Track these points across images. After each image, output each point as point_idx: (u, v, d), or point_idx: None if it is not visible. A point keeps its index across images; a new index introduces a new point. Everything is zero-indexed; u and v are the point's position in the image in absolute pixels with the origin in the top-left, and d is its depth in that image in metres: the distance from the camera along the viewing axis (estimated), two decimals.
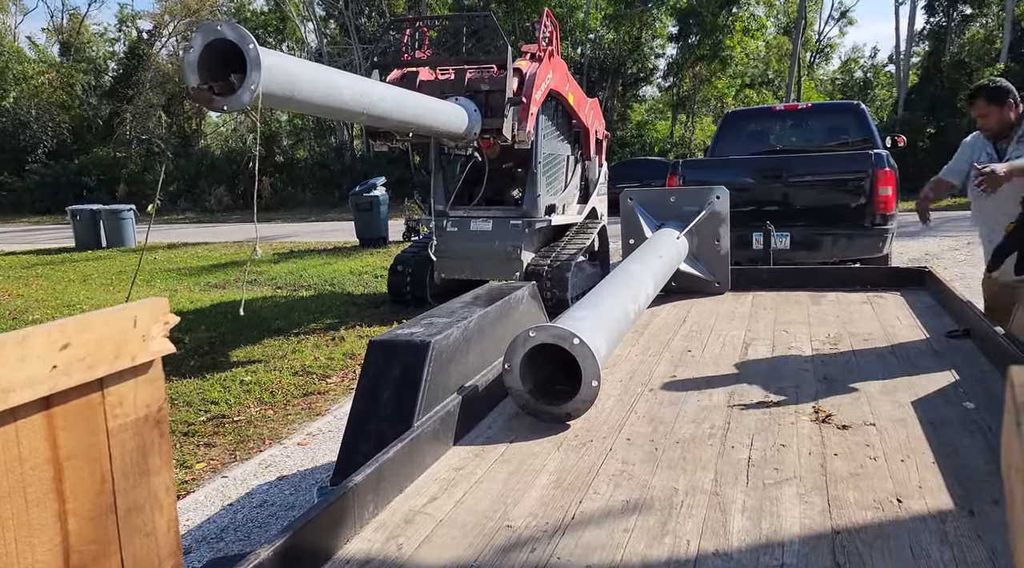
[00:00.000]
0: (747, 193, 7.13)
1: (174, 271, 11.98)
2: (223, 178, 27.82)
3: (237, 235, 17.34)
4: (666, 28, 32.02)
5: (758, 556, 1.78)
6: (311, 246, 14.13)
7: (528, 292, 3.67)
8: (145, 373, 1.23)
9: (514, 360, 2.76)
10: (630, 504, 2.08)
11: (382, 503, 2.12)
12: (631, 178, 19.87)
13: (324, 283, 10.10)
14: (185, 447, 4.43)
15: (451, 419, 2.57)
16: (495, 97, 7.02)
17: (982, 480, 2.11)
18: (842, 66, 39.97)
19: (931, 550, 1.78)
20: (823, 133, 8.56)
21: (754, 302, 4.69)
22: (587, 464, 2.37)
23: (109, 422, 1.17)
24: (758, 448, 2.43)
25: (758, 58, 33.21)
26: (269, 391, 5.42)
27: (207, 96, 4.14)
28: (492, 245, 7.58)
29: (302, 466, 4.10)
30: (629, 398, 2.98)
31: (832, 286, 5.00)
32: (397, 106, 5.63)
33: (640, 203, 5.10)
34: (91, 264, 13.22)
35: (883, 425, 2.58)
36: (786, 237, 7.13)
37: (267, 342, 6.94)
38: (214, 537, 3.38)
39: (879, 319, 3.99)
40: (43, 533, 1.08)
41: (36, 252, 15.51)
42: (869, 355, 3.42)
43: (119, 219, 15.86)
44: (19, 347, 1.02)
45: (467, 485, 2.26)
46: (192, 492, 3.85)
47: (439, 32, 8.51)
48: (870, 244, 7.06)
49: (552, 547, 1.88)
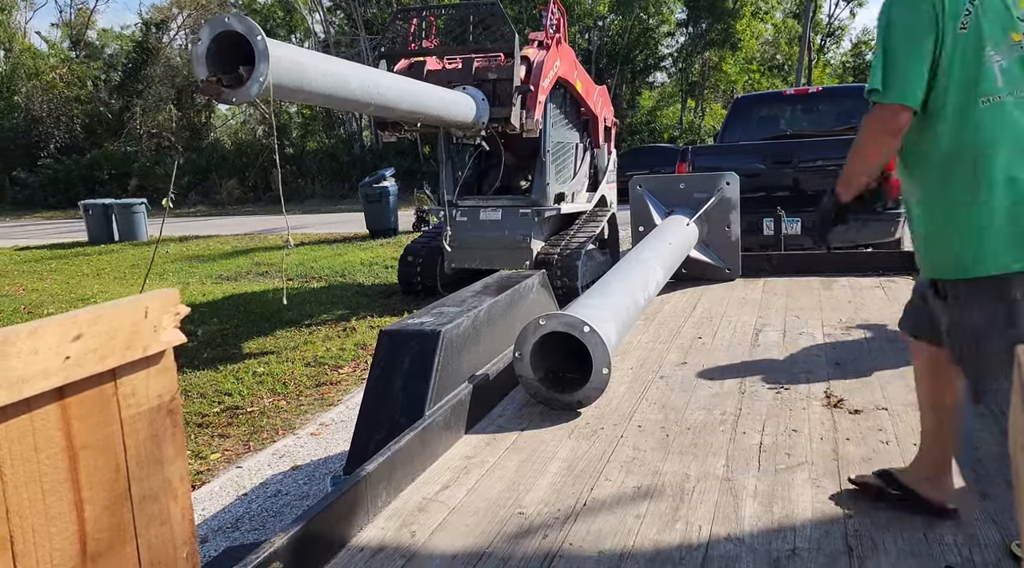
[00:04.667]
0: (757, 179, 7.08)
1: (186, 264, 12.04)
2: (233, 171, 27.89)
3: (248, 227, 17.42)
4: (674, 14, 31.78)
5: (770, 541, 1.79)
6: (321, 237, 14.16)
7: (538, 281, 3.67)
8: (157, 363, 1.24)
9: (525, 348, 2.76)
10: (641, 490, 2.09)
11: (395, 492, 2.13)
12: (641, 165, 19.74)
13: (335, 274, 10.14)
14: (200, 438, 4.46)
15: (462, 408, 2.58)
16: (503, 86, 6.99)
17: (993, 463, 2.10)
18: (853, 49, 39.56)
19: (944, 533, 1.77)
20: (834, 117, 8.47)
21: (765, 288, 4.67)
22: (598, 451, 2.38)
23: (123, 412, 1.19)
24: (770, 433, 2.43)
25: (768, 42, 32.93)
26: (282, 382, 5.45)
27: (216, 89, 4.15)
28: (502, 234, 7.57)
29: (315, 456, 4.13)
30: (640, 385, 2.98)
31: (843, 271, 4.97)
32: (404, 96, 5.62)
33: (650, 190, 5.08)
34: (104, 258, 13.31)
35: (895, 409, 2.57)
36: (797, 223, 7.07)
37: (279, 333, 6.97)
38: (230, 526, 3.41)
39: (891, 303, 3.96)
40: (59, 521, 1.09)
41: (50, 246, 15.62)
42: (881, 340, 3.40)
43: (131, 213, 15.94)
44: (32, 339, 1.03)
45: (479, 473, 2.27)
46: (207, 482, 3.89)
47: (446, 21, 8.47)
48: (882, 228, 7.00)
49: (564, 534, 1.88)
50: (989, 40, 1.61)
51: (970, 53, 1.60)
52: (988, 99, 1.62)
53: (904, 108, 1.60)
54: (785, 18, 33.33)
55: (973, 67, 1.60)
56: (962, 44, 1.60)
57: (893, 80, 1.59)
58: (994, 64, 1.60)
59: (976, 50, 1.60)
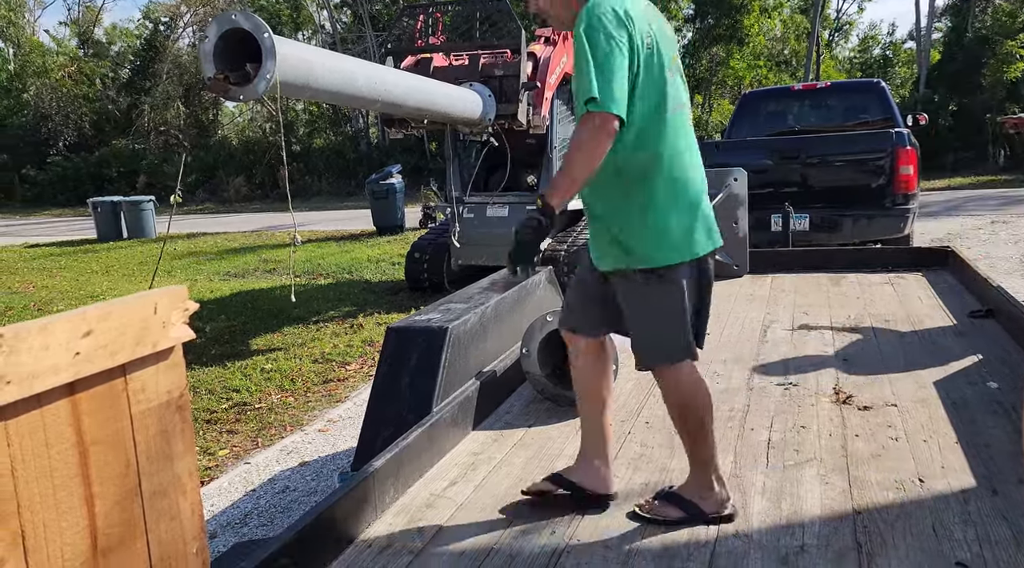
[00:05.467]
0: (765, 174, 7.06)
1: (194, 261, 12.09)
2: (241, 168, 27.98)
3: (255, 224, 17.47)
4: (682, 9, 31.68)
5: (778, 537, 1.78)
6: (328, 234, 14.19)
7: (545, 277, 3.67)
8: (166, 359, 1.25)
9: (532, 345, 2.76)
10: (649, 487, 2.09)
11: (402, 488, 2.13)
12: None
13: (342, 271, 10.15)
14: (208, 434, 4.48)
15: (469, 404, 2.59)
16: (509, 82, 6.98)
17: (1006, 460, 2.09)
18: (860, 44, 39.36)
19: (954, 530, 1.76)
20: (843, 112, 8.44)
21: (773, 284, 4.65)
22: None
23: (132, 407, 1.19)
24: (778, 430, 2.42)
25: (776, 38, 32.78)
26: (289, 378, 5.46)
27: (223, 86, 4.16)
28: (509, 231, 7.56)
29: (323, 452, 4.14)
30: (647, 382, 2.98)
31: (852, 267, 4.95)
32: (411, 93, 5.62)
33: None
34: (113, 255, 13.37)
35: (905, 406, 2.55)
36: (805, 218, 7.05)
37: (286, 330, 6.99)
38: (238, 522, 3.42)
39: (900, 300, 3.94)
40: (70, 516, 1.10)
41: (59, 244, 15.70)
42: (890, 336, 3.38)
43: (139, 210, 16.02)
44: (42, 335, 1.04)
45: (486, 469, 2.27)
46: (216, 478, 3.91)
47: (452, 18, 8.46)
48: (891, 224, 6.97)
49: (572, 530, 1.88)
50: (666, 59, 1.87)
51: (655, 71, 1.84)
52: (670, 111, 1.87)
53: (616, 116, 1.73)
54: (793, 14, 33.17)
55: (659, 84, 1.85)
56: (648, 63, 1.82)
57: (608, 93, 1.72)
58: (669, 81, 1.87)
59: (659, 68, 1.85)
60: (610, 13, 1.76)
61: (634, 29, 1.79)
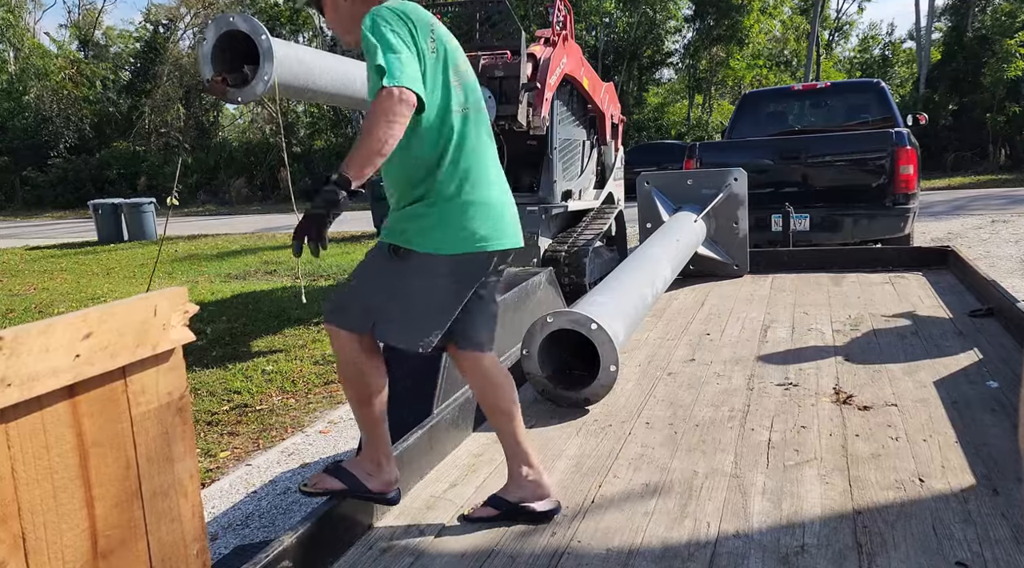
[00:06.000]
0: (765, 174, 7.06)
1: (194, 263, 12.10)
2: (241, 170, 28.01)
3: (256, 226, 17.47)
4: (681, 10, 31.69)
5: (779, 537, 1.78)
6: (329, 235, 14.20)
7: (545, 278, 3.67)
8: (166, 361, 1.25)
9: (532, 346, 2.76)
10: (650, 487, 2.09)
11: (403, 489, 2.13)
12: (648, 162, 19.74)
13: (343, 272, 10.15)
14: (209, 436, 4.48)
15: (470, 406, 2.59)
16: (509, 83, 6.98)
17: (1006, 459, 2.09)
18: (860, 44, 39.37)
19: (954, 529, 1.76)
20: (843, 112, 8.44)
21: (773, 284, 4.65)
22: (606, 448, 2.38)
23: (133, 409, 1.19)
24: (778, 430, 2.42)
25: (776, 38, 32.79)
26: (290, 380, 5.47)
27: (221, 88, 4.17)
28: None
29: (324, 454, 4.14)
30: (648, 382, 2.98)
31: (853, 267, 4.95)
32: None
33: (657, 187, 5.07)
34: (114, 257, 13.38)
35: (905, 405, 2.55)
36: (806, 218, 7.05)
37: (287, 332, 6.99)
38: (239, 524, 3.43)
39: (901, 299, 3.94)
40: (71, 518, 1.10)
41: (60, 246, 15.72)
42: (890, 336, 3.38)
43: (140, 212, 16.04)
44: (43, 337, 1.04)
45: (487, 471, 2.27)
46: (217, 480, 3.91)
47: (452, 18, 8.46)
48: (891, 224, 6.97)
49: (572, 531, 1.88)
50: (451, 64, 1.95)
51: (439, 74, 1.91)
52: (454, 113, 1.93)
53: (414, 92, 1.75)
54: (793, 14, 33.19)
55: (443, 87, 1.91)
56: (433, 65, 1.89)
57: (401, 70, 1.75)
58: (454, 85, 1.94)
59: (444, 72, 1.92)
60: (390, 14, 1.84)
61: (415, 28, 1.85)
